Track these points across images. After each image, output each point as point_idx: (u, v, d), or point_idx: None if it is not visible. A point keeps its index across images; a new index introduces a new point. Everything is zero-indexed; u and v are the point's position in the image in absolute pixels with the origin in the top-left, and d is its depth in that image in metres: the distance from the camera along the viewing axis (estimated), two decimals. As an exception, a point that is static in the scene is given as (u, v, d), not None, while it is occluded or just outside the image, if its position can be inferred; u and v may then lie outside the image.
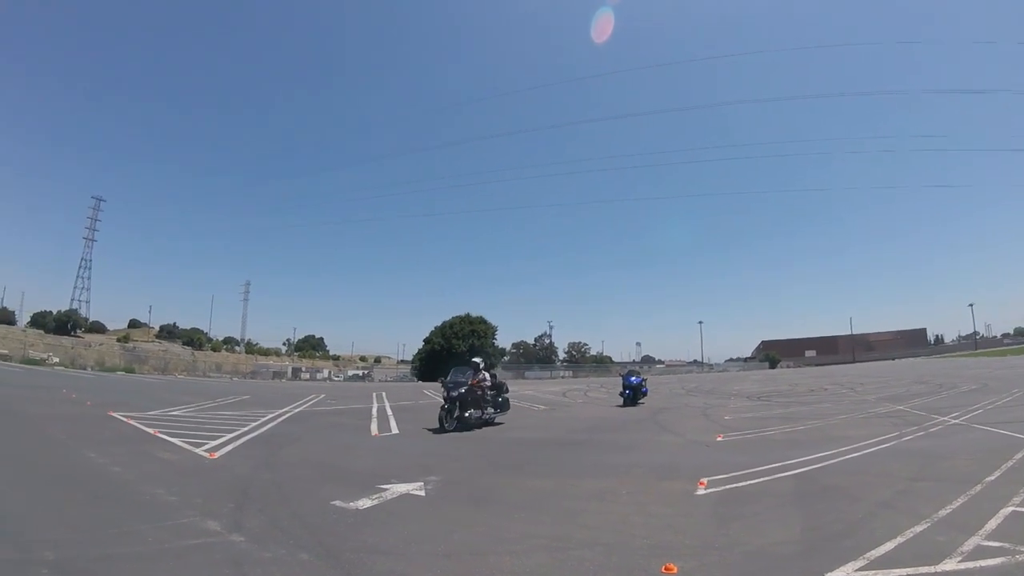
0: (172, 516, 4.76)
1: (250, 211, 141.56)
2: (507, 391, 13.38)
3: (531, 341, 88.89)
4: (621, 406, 17.78)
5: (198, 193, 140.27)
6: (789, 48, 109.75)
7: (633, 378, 18.57)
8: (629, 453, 8.88)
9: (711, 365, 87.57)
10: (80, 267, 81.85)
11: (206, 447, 8.39)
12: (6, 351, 43.04)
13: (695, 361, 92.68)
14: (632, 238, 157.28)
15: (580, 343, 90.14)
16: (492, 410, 12.49)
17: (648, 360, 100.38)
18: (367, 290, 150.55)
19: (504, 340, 73.27)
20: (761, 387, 28.44)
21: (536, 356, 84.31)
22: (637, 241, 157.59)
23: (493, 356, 63.06)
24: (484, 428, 12.07)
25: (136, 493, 5.47)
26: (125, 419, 11.16)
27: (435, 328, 64.90)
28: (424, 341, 65.71)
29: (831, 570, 3.51)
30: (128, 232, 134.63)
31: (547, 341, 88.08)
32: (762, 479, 6.29)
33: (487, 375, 12.66)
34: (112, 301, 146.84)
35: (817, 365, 75.65)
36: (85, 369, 38.50)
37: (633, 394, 18.09)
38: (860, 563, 3.62)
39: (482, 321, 63.63)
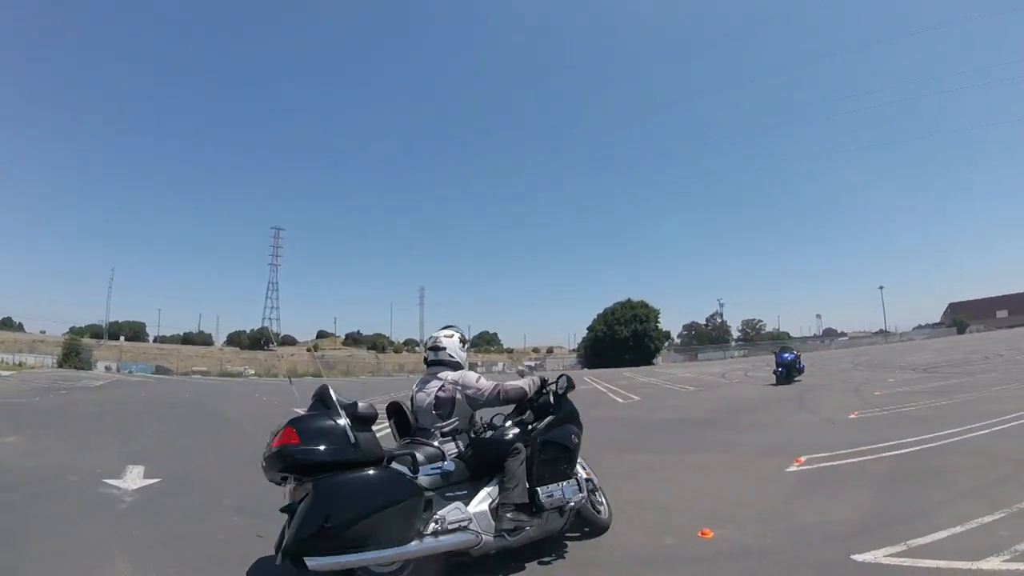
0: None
1: (422, 218, 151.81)
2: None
3: (702, 321, 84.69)
4: (774, 384, 17.43)
5: (367, 208, 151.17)
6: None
7: (786, 355, 18.13)
8: (751, 432, 8.84)
9: (898, 334, 74.46)
10: (268, 289, 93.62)
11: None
12: (206, 368, 50.86)
13: (880, 331, 79.04)
14: (801, 195, 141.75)
15: (754, 320, 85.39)
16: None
17: (830, 333, 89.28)
18: (534, 282, 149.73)
19: (674, 322, 71.49)
20: (937, 356, 26.69)
21: (708, 337, 79.48)
22: (808, 198, 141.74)
23: (657, 340, 61.11)
24: None
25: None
26: (308, 414, 13.01)
27: (597, 315, 64.38)
28: (587, 329, 65.99)
29: (863, 551, 3.31)
30: (310, 252, 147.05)
31: (718, 320, 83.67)
32: (863, 458, 5.99)
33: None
34: (301, 317, 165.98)
35: (1009, 327, 64.69)
36: (277, 377, 45.07)
37: (787, 372, 17.67)
38: (897, 548, 3.34)
39: (644, 305, 61.97)
